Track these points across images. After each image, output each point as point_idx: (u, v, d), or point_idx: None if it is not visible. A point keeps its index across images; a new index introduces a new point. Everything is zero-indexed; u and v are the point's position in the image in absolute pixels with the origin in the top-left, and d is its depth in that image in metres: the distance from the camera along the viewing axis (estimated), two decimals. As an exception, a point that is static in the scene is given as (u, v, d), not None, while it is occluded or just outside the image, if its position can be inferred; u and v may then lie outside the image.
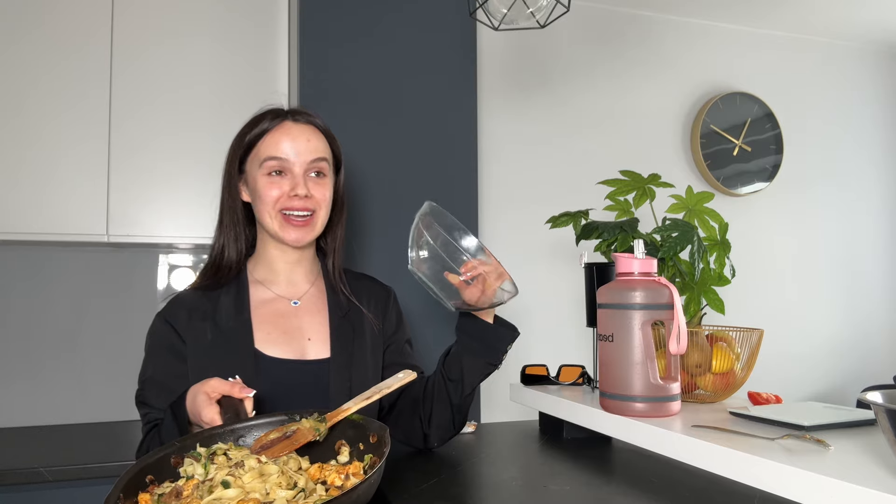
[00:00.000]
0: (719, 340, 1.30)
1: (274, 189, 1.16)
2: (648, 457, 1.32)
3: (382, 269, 2.08)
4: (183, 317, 1.14)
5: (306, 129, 1.19)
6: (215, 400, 0.93)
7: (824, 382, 3.21)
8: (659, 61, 3.02)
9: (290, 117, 1.19)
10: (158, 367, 1.13)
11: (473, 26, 2.20)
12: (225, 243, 1.21)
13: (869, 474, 0.79)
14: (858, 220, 3.35)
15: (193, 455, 0.84)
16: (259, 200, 1.17)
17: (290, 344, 1.16)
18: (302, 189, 1.16)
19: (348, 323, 1.22)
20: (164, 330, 1.15)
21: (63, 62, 1.98)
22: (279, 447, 0.87)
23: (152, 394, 1.11)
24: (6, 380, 2.17)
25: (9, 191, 1.93)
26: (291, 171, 1.17)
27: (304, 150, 1.17)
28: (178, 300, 1.18)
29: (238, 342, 1.12)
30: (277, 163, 1.16)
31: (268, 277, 1.23)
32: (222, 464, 0.82)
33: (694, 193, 1.48)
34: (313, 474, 0.82)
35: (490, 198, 2.71)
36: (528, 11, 1.42)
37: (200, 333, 1.13)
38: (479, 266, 1.08)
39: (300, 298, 1.22)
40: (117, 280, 2.29)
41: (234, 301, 1.17)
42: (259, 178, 1.17)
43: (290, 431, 0.89)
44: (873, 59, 3.42)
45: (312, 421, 0.92)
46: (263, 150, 1.17)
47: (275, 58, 2.17)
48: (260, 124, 1.18)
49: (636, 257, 1.18)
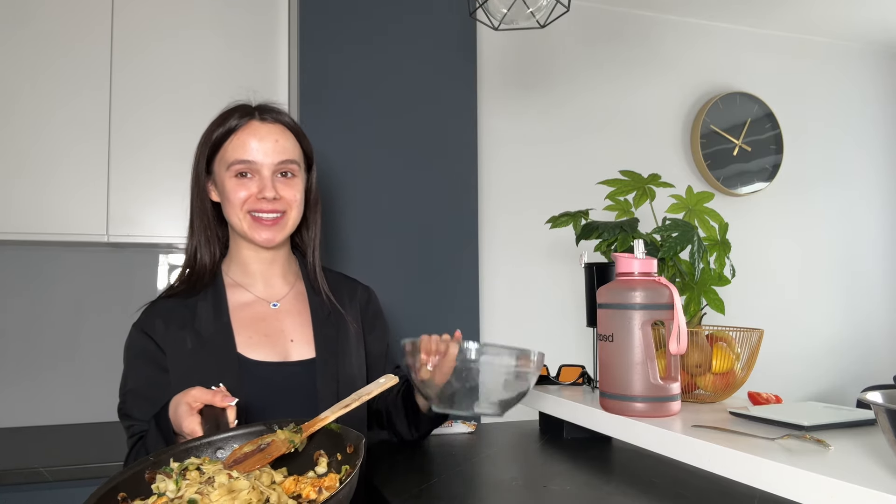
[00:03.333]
0: (719, 340, 1.30)
1: (241, 191, 1.13)
2: (648, 457, 1.32)
3: (382, 268, 2.08)
4: (160, 326, 1.12)
5: (274, 128, 1.16)
6: (197, 410, 0.91)
7: (824, 382, 3.21)
8: (659, 61, 3.01)
9: (258, 116, 1.16)
10: (139, 378, 1.11)
11: (473, 26, 2.20)
12: (197, 246, 1.18)
13: (869, 474, 0.79)
14: (858, 220, 3.35)
15: (165, 471, 0.82)
16: (227, 202, 1.15)
17: (272, 347, 1.15)
18: (270, 192, 1.13)
19: (331, 322, 1.21)
20: (141, 341, 1.12)
21: (63, 61, 1.98)
22: (252, 461, 0.84)
23: (135, 406, 1.10)
24: (6, 380, 2.17)
25: (9, 191, 1.93)
26: (259, 173, 1.14)
27: (272, 152, 1.14)
28: (153, 309, 1.15)
29: (220, 348, 1.10)
30: (244, 165, 1.13)
31: (244, 279, 1.20)
32: (194, 479, 0.79)
33: (694, 193, 1.48)
34: (288, 488, 0.80)
35: (490, 198, 2.71)
36: (528, 11, 1.42)
37: (180, 342, 1.11)
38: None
39: (280, 300, 1.21)
40: (117, 280, 2.28)
41: (213, 306, 1.14)
42: (226, 180, 1.14)
43: (265, 444, 0.86)
44: (873, 59, 3.42)
45: (288, 432, 0.88)
46: (231, 151, 1.14)
47: (275, 58, 2.17)
48: (226, 122, 1.15)
49: (636, 257, 1.18)
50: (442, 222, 2.13)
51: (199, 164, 1.18)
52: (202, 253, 1.18)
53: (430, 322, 2.10)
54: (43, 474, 1.66)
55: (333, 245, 2.03)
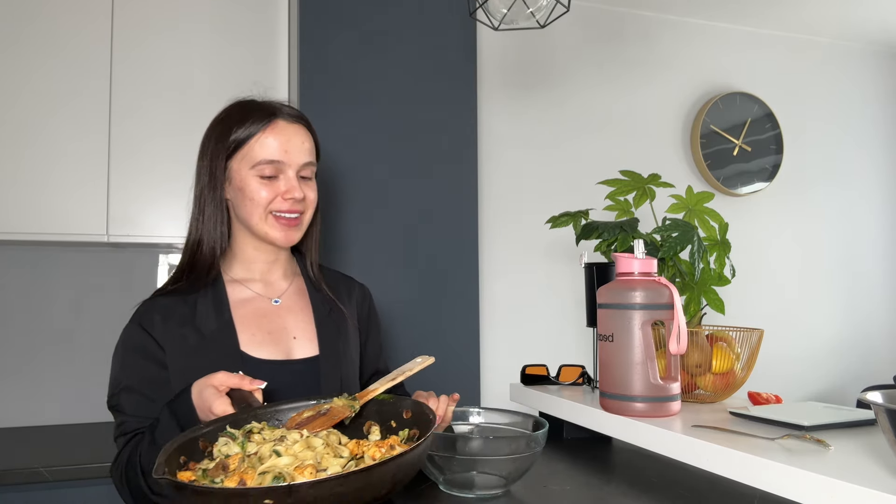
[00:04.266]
0: (719, 340, 1.30)
1: (266, 191, 1.12)
2: (648, 457, 1.32)
3: (382, 268, 2.08)
4: (158, 322, 1.10)
5: (300, 129, 1.16)
6: (224, 393, 0.92)
7: (824, 382, 3.21)
8: (659, 61, 3.01)
9: (283, 116, 1.15)
10: (135, 374, 1.09)
11: (473, 26, 2.20)
12: (203, 239, 1.15)
13: (869, 474, 0.79)
14: (858, 220, 3.35)
15: (228, 434, 0.83)
16: (247, 201, 1.13)
17: (276, 344, 1.14)
18: (298, 193, 1.13)
19: (332, 320, 1.21)
20: (140, 336, 1.11)
21: (63, 61, 1.98)
22: (316, 423, 0.86)
23: (128, 402, 1.08)
24: (6, 380, 2.17)
25: (8, 191, 1.93)
26: (285, 174, 1.13)
27: (299, 152, 1.14)
28: (152, 305, 1.13)
29: (223, 345, 1.10)
30: (272, 166, 1.12)
31: (245, 276, 1.19)
32: (261, 440, 0.81)
33: (694, 193, 1.48)
34: (353, 450, 0.82)
35: (490, 198, 2.71)
36: (528, 11, 1.42)
37: (180, 339, 1.09)
38: None
39: (280, 297, 1.20)
40: (117, 280, 2.28)
41: (213, 303, 1.13)
42: (249, 179, 1.12)
43: (325, 409, 0.89)
44: (873, 59, 3.42)
45: (345, 399, 0.92)
46: (258, 151, 1.12)
47: (275, 58, 2.17)
48: (249, 122, 1.13)
49: (636, 257, 1.18)
50: (442, 222, 2.13)
51: (217, 159, 1.14)
52: (207, 245, 1.15)
53: (429, 322, 2.10)
54: (43, 474, 1.66)
55: (332, 245, 2.03)
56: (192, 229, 1.17)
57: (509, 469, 1.06)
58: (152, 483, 0.98)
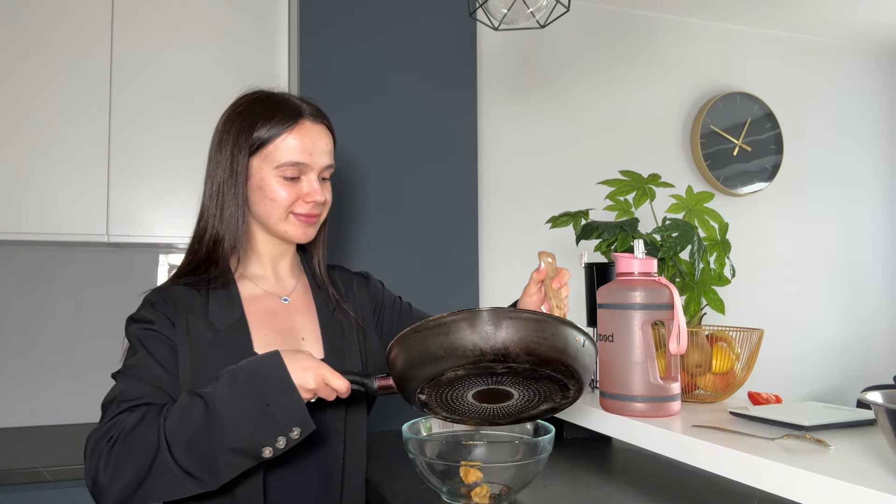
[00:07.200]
0: (719, 340, 1.30)
1: (287, 191, 1.12)
2: (648, 457, 1.32)
3: (382, 268, 2.08)
4: (171, 310, 1.09)
5: (323, 131, 1.15)
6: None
7: (824, 382, 3.21)
8: (659, 61, 3.02)
9: (308, 117, 1.14)
10: (149, 355, 1.04)
11: (473, 26, 2.20)
12: (226, 236, 1.13)
13: (869, 474, 0.79)
14: (858, 220, 3.35)
15: None
16: (268, 201, 1.12)
17: (287, 345, 1.13)
18: (321, 196, 1.13)
19: (335, 320, 1.21)
20: (157, 317, 1.07)
21: (62, 60, 1.98)
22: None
23: (134, 386, 1.01)
24: (6, 380, 2.17)
25: (8, 191, 1.93)
26: (307, 176, 1.13)
27: (323, 155, 1.14)
28: (167, 292, 1.11)
29: (236, 343, 1.09)
30: (296, 168, 1.11)
31: (255, 272, 1.19)
32: None
33: (694, 193, 1.48)
34: None
35: (490, 197, 2.71)
36: (528, 11, 1.42)
37: (195, 331, 1.08)
38: None
39: (289, 295, 1.20)
40: (117, 280, 2.28)
41: (226, 298, 1.13)
42: (271, 178, 1.11)
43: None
44: (873, 59, 3.42)
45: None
46: (283, 151, 1.10)
47: (275, 58, 2.17)
48: (274, 120, 1.11)
49: (636, 257, 1.18)
50: (442, 222, 2.13)
51: (239, 154, 1.12)
52: (228, 243, 1.13)
53: (430, 322, 2.10)
54: (43, 474, 1.66)
55: (333, 244, 2.03)
56: (209, 225, 1.14)
57: (513, 477, 1.05)
58: (181, 457, 0.91)
